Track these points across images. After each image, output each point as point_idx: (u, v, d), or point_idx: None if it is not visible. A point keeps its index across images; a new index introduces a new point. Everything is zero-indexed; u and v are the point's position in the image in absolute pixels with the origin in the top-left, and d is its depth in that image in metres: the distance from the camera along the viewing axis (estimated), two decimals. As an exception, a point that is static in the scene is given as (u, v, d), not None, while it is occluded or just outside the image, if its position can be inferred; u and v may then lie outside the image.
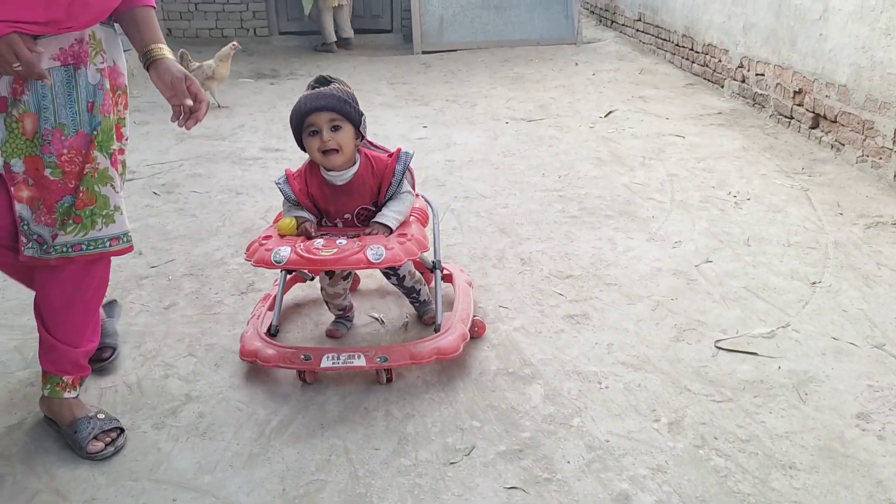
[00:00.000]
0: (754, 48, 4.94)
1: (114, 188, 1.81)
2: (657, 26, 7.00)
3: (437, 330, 2.16)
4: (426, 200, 2.36)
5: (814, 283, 2.64)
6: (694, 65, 6.07)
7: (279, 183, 2.12)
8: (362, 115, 2.07)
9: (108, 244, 1.83)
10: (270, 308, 2.37)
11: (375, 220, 2.06)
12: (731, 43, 5.32)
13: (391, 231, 2.04)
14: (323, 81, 2.09)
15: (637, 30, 7.67)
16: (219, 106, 5.57)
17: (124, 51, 1.88)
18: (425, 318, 2.44)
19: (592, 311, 2.50)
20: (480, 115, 5.21)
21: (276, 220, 2.19)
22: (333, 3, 7.85)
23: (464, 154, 4.32)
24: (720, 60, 5.53)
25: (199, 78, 5.59)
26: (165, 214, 3.56)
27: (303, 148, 2.09)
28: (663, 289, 2.64)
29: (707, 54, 5.78)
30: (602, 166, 4.00)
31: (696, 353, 2.22)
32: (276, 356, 2.07)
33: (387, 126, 4.99)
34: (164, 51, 1.79)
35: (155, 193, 3.85)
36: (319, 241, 1.98)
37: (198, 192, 3.82)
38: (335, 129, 2.00)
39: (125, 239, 1.87)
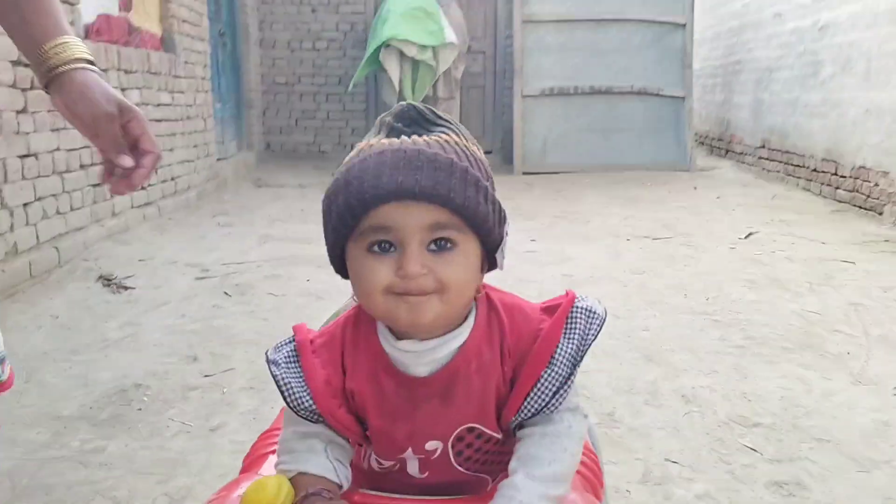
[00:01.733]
0: (927, 167, 4.21)
1: None
2: (787, 152, 6.35)
3: None
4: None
5: None
6: (839, 190, 5.34)
7: (274, 361, 0.91)
8: (503, 211, 0.87)
9: None
10: None
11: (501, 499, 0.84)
12: (892, 164, 4.60)
13: None
14: (413, 116, 0.87)
15: (760, 157, 7.05)
16: None
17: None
18: None
19: (808, 479, 1.71)
20: (596, 230, 4.59)
21: (246, 465, 1.04)
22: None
23: (583, 269, 3.66)
24: (877, 184, 4.79)
25: None
26: (234, 316, 3.00)
27: (343, 272, 0.89)
28: (903, 452, 1.84)
29: (858, 178, 5.06)
30: (758, 290, 3.25)
31: None
32: None
33: (490, 238, 4.41)
34: (79, 49, 0.97)
35: (226, 294, 3.33)
36: None
37: (274, 294, 3.28)
38: (442, 244, 0.82)
39: None
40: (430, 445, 0.92)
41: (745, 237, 4.28)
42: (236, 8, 7.54)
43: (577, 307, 0.90)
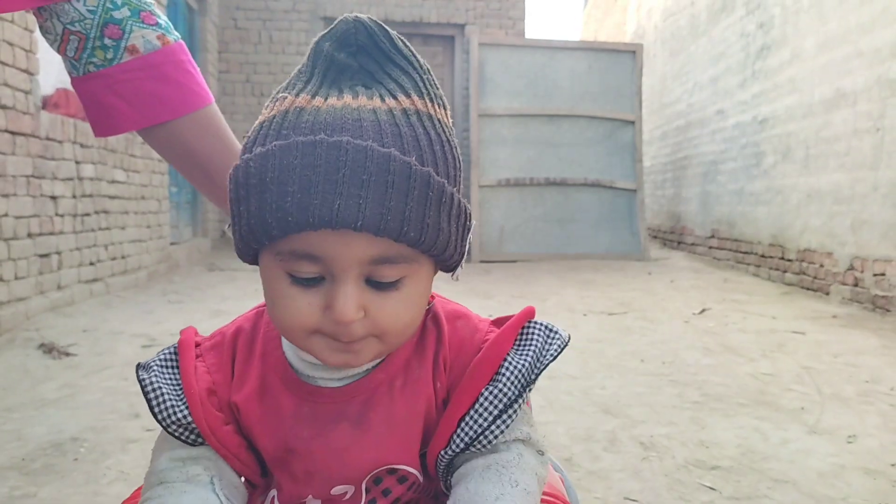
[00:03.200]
0: (869, 247, 4.36)
1: None
2: (735, 240, 6.55)
3: None
4: (560, 473, 0.88)
5: None
6: (786, 274, 5.49)
7: (144, 366, 0.72)
8: (468, 218, 0.67)
9: None
10: None
11: None
12: (835, 245, 4.76)
13: None
14: (362, 43, 0.65)
15: (710, 246, 7.25)
16: None
17: None
18: None
19: (769, 514, 1.67)
20: (553, 307, 4.61)
21: None
22: None
23: (540, 339, 3.65)
24: (822, 265, 4.94)
25: None
26: (180, 379, 2.89)
27: (251, 259, 0.67)
28: (861, 490, 1.82)
29: (803, 261, 5.21)
30: (713, 356, 3.27)
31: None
32: None
33: (447, 313, 4.39)
34: None
35: (173, 360, 3.21)
36: None
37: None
38: (381, 285, 0.64)
39: None
40: (337, 490, 0.72)
41: (699, 312, 4.34)
42: (199, 97, 7.66)
43: (535, 322, 0.74)
